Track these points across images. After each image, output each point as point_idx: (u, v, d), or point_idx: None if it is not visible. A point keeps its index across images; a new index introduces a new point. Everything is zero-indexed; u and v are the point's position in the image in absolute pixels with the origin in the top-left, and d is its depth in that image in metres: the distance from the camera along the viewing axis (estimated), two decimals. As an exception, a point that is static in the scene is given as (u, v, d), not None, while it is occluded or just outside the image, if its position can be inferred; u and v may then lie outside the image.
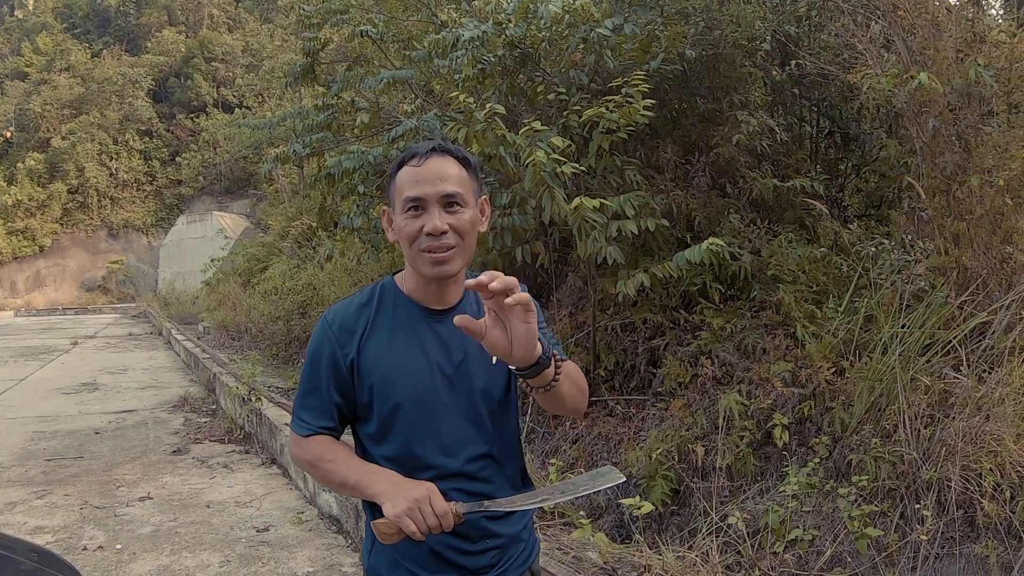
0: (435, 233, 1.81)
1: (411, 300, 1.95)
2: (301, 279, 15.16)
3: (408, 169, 1.87)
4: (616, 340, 6.16)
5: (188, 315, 25.51)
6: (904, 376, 4.33)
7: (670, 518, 4.88)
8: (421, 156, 1.86)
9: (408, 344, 1.92)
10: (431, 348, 1.92)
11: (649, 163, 6.49)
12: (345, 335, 1.91)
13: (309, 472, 1.99)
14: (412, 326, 1.93)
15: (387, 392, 1.89)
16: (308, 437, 1.94)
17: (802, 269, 5.59)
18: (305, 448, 1.94)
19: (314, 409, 1.94)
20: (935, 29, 5.05)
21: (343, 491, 1.95)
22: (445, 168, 1.86)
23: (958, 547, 3.75)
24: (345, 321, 1.93)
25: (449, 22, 8.04)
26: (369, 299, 1.97)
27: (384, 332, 1.93)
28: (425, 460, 1.89)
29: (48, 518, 6.06)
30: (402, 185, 1.87)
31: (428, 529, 1.70)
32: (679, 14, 6.29)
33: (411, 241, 1.85)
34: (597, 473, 1.82)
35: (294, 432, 1.97)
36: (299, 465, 2.00)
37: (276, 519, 5.93)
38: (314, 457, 1.92)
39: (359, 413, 1.94)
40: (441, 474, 1.88)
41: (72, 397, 12.05)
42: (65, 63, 48.54)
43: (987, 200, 4.70)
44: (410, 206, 1.84)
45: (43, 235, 43.87)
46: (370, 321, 1.93)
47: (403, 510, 1.69)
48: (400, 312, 1.95)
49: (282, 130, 11.93)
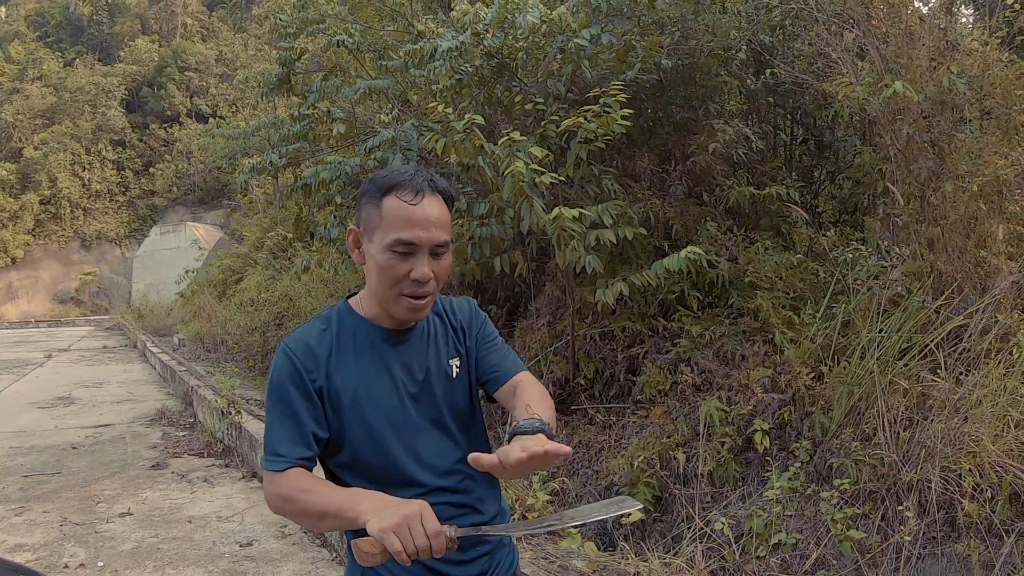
0: (423, 280, 1.81)
1: (371, 323, 1.95)
2: (277, 290, 15.07)
3: (400, 204, 1.81)
4: (595, 349, 6.18)
5: (163, 327, 25.35)
6: (882, 380, 4.38)
7: (653, 525, 4.90)
8: (416, 193, 1.81)
9: (372, 366, 1.92)
10: (394, 368, 1.93)
11: (626, 172, 6.52)
12: (311, 361, 1.88)
13: (285, 510, 1.82)
14: (374, 348, 1.93)
15: (357, 415, 1.88)
16: (283, 472, 1.81)
17: (779, 276, 5.64)
18: (280, 484, 1.80)
19: (288, 441, 1.84)
20: (908, 38, 5.12)
21: (324, 523, 1.76)
22: (436, 211, 1.83)
23: (940, 547, 3.79)
24: (309, 347, 1.90)
25: (426, 32, 8.05)
26: (328, 325, 1.96)
27: (348, 356, 1.92)
28: (406, 476, 1.89)
29: (27, 535, 5.99)
30: (391, 221, 1.81)
31: (416, 551, 1.56)
32: (655, 24, 6.34)
33: (393, 283, 1.83)
34: (611, 502, 1.72)
35: (268, 471, 1.84)
36: (274, 507, 1.84)
37: (259, 533, 5.90)
38: (290, 490, 1.79)
39: (331, 440, 1.89)
40: (425, 490, 1.89)
41: (48, 411, 11.93)
42: (38, 72, 48.20)
43: (961, 205, 4.77)
44: (400, 248, 1.80)
45: (15, 246, 43.45)
46: (333, 346, 1.92)
47: (390, 525, 1.56)
48: (360, 336, 1.94)
49: (256, 140, 11.88)
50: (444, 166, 6.55)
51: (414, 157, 6.72)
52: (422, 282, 1.82)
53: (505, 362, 2.05)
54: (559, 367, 6.27)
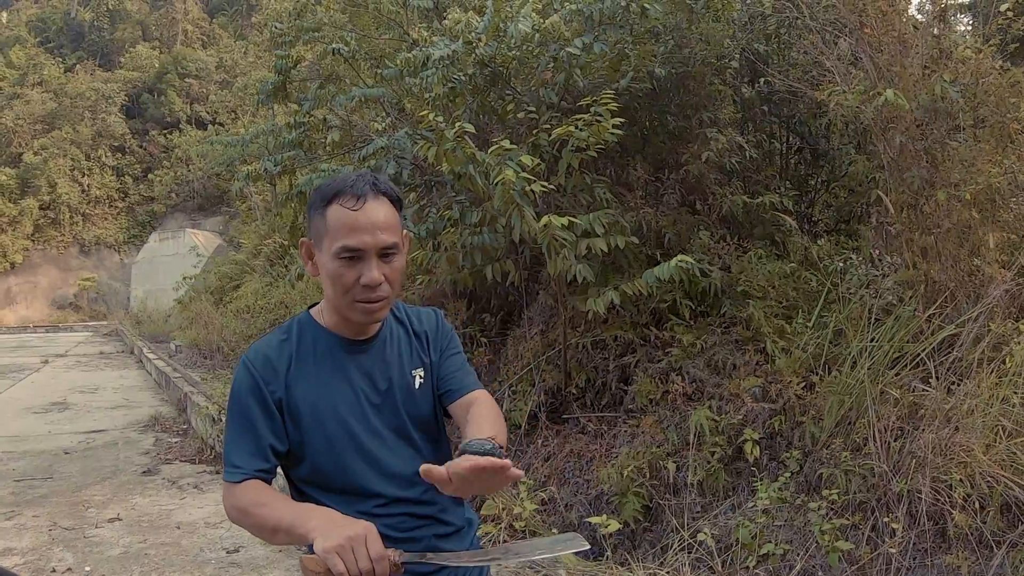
0: (373, 285, 1.79)
1: (331, 333, 1.94)
2: (273, 297, 15.09)
3: (343, 211, 1.79)
4: (587, 357, 6.16)
5: (160, 333, 25.30)
6: (873, 389, 4.36)
7: (642, 535, 4.87)
8: (358, 198, 1.79)
9: (333, 376, 1.90)
10: (355, 378, 1.91)
11: (619, 181, 6.51)
12: (270, 373, 1.87)
13: (242, 522, 1.80)
14: (334, 358, 1.92)
15: (318, 426, 1.86)
16: (240, 483, 1.80)
17: (772, 285, 5.62)
18: (236, 496, 1.80)
19: (246, 453, 1.83)
20: (902, 46, 5.11)
21: (277, 538, 1.75)
22: (381, 214, 1.81)
23: (930, 558, 3.77)
24: (268, 359, 1.89)
25: (420, 40, 8.04)
26: (288, 335, 1.95)
27: (308, 367, 1.90)
28: (367, 488, 1.87)
29: (17, 540, 5.98)
30: (336, 229, 1.80)
31: (359, 573, 1.53)
32: (649, 33, 6.32)
33: (345, 290, 1.81)
34: (558, 539, 1.70)
35: (226, 482, 1.83)
36: (232, 518, 1.83)
37: (246, 540, 5.86)
38: (246, 503, 1.77)
39: (292, 452, 1.88)
40: (386, 501, 1.87)
41: (42, 417, 11.91)
42: (38, 77, 48.30)
43: (954, 214, 4.75)
44: (346, 255, 1.79)
45: (14, 252, 43.47)
46: (293, 357, 1.91)
47: (333, 546, 1.54)
48: (320, 346, 1.93)
49: (255, 147, 11.84)
50: (437, 174, 6.54)
51: (408, 165, 6.72)
52: (372, 287, 1.79)
53: (464, 377, 2.03)
54: (551, 376, 6.25)
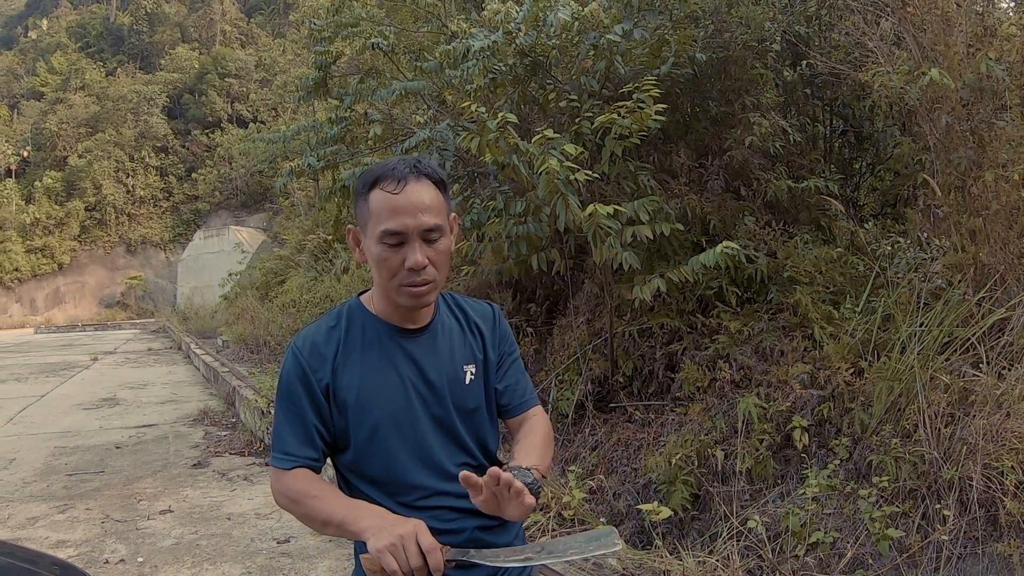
0: (417, 268, 1.79)
1: (380, 320, 1.93)
2: (319, 291, 15.21)
3: (384, 195, 1.79)
4: (634, 346, 6.15)
5: (207, 329, 25.66)
6: (923, 375, 4.30)
7: (691, 523, 4.86)
8: (398, 181, 1.78)
9: (380, 364, 1.90)
10: (403, 367, 1.90)
11: (662, 168, 6.48)
12: (317, 360, 1.88)
13: (291, 510, 1.85)
14: (383, 346, 1.91)
15: (364, 414, 1.86)
16: (291, 471, 1.84)
17: (818, 270, 5.57)
18: (287, 483, 1.83)
19: (295, 440, 1.85)
20: (945, 24, 5.03)
21: (327, 530, 1.82)
22: (423, 196, 1.80)
23: (981, 546, 3.72)
24: (316, 346, 1.89)
25: (459, 32, 8.05)
26: (337, 322, 1.94)
27: (356, 354, 1.90)
28: (410, 480, 1.88)
29: (70, 532, 6.10)
30: (378, 213, 1.79)
31: (411, 570, 1.58)
32: (688, 18, 6.28)
33: (391, 275, 1.81)
34: (592, 536, 1.71)
35: (274, 468, 1.86)
36: (280, 503, 1.87)
37: (296, 530, 5.94)
38: (297, 493, 1.81)
39: (337, 440, 1.89)
40: (428, 493, 1.88)
41: (93, 412, 12.13)
42: (80, 82, 49.09)
43: (1003, 195, 4.68)
44: (389, 239, 1.79)
45: (61, 253, 44.31)
46: (341, 344, 1.90)
47: (385, 545, 1.59)
48: (369, 332, 1.92)
49: (296, 143, 11.97)
50: (481, 165, 6.55)
51: (451, 157, 6.73)
52: (417, 270, 1.79)
53: (524, 393, 2.06)
54: (598, 364, 6.24)
